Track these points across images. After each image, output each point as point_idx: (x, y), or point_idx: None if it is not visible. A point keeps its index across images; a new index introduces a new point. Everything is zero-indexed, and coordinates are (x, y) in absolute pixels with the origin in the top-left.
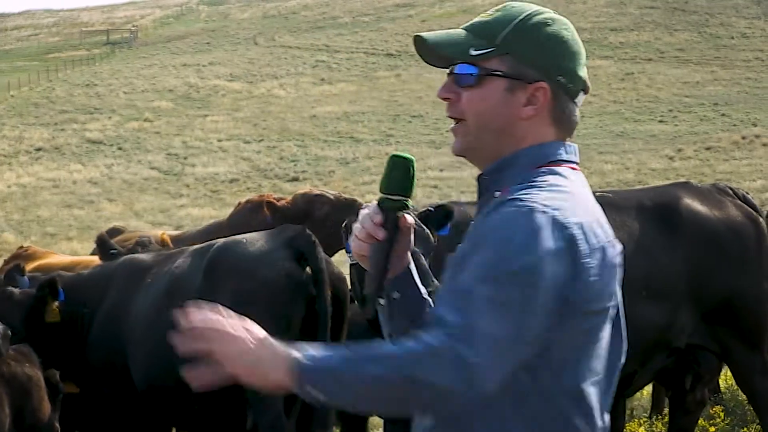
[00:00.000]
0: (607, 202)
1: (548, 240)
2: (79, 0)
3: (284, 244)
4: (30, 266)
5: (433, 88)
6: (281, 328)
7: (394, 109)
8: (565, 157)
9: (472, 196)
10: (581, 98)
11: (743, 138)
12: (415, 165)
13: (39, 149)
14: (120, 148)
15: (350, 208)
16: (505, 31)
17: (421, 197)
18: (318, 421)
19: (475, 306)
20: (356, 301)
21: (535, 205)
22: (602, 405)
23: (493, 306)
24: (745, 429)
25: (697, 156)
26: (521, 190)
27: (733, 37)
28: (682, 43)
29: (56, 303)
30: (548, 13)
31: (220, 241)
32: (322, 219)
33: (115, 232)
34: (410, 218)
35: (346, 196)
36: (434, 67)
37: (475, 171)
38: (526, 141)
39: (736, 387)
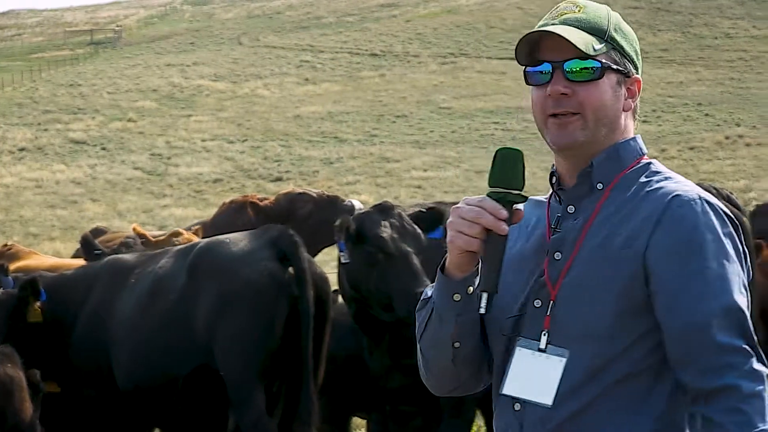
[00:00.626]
0: None
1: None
2: (63, 0)
3: (267, 244)
4: (14, 266)
5: (417, 88)
6: (264, 328)
7: (378, 109)
8: (645, 150)
9: (455, 197)
10: None
11: (726, 138)
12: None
13: (22, 149)
14: (104, 148)
15: (333, 205)
16: (609, 27)
17: (405, 197)
18: (300, 421)
19: (748, 324)
20: (343, 299)
21: (705, 196)
22: None
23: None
24: None
25: (681, 156)
26: (659, 182)
27: (716, 38)
28: (665, 44)
29: (38, 303)
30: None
31: (204, 241)
32: (305, 217)
33: (98, 232)
34: (523, 212)
35: (329, 193)
36: (418, 68)
37: (459, 171)
38: (625, 133)
39: None
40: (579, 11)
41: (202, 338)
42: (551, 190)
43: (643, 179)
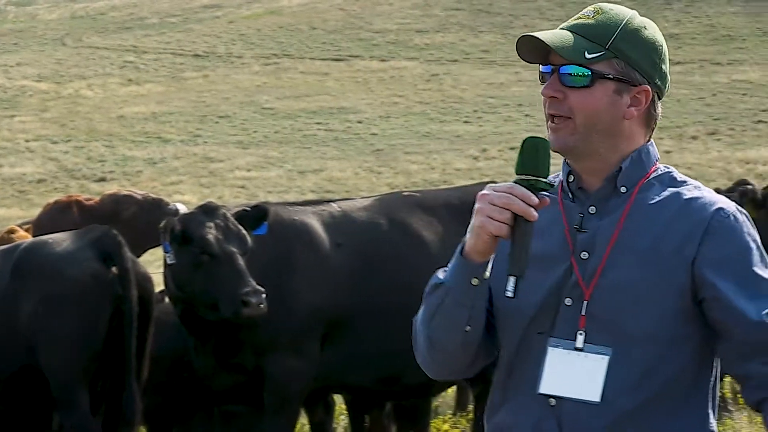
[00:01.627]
0: (415, 202)
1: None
2: None
3: (90, 244)
4: None
5: (240, 89)
6: (88, 326)
7: (202, 109)
8: (659, 155)
9: (278, 196)
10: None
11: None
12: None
13: None
14: None
15: (157, 208)
16: (614, 35)
17: (229, 197)
18: (123, 419)
19: None
20: (170, 300)
21: (739, 208)
22: None
23: None
24: None
25: (502, 156)
26: (693, 191)
27: None
28: (486, 45)
29: None
30: (641, 18)
31: (27, 241)
32: (130, 219)
33: None
34: (548, 199)
35: (153, 196)
36: (241, 69)
37: (282, 171)
38: (629, 140)
39: None
40: (593, 17)
41: (26, 338)
42: (562, 189)
43: (671, 187)
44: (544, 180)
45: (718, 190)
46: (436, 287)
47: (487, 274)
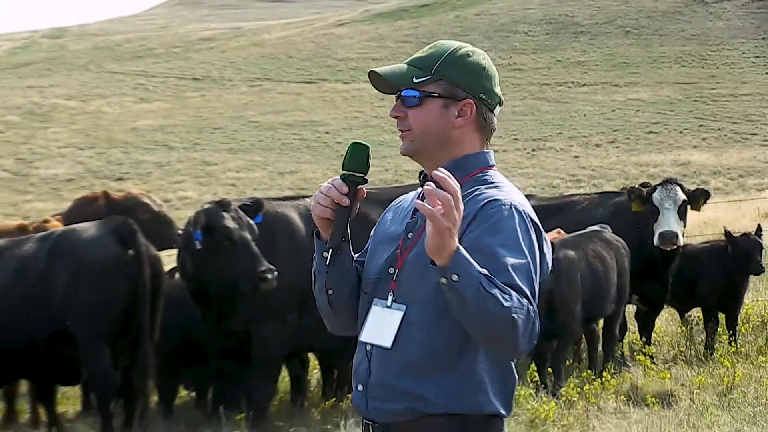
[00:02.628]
0: (373, 198)
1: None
2: None
3: (111, 231)
4: None
5: (231, 106)
6: (109, 299)
7: (200, 123)
8: (492, 162)
9: (262, 193)
10: (498, 110)
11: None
12: (371, 150)
13: None
14: None
15: (166, 225)
16: (438, 62)
17: (222, 193)
18: (138, 372)
19: (525, 275)
20: (184, 279)
21: (514, 203)
22: None
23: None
24: None
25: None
26: (487, 188)
27: None
28: None
29: None
30: (469, 47)
31: (60, 229)
32: (141, 223)
33: None
34: (365, 190)
35: (165, 213)
36: (231, 90)
37: (265, 173)
38: (461, 145)
39: None
40: (427, 51)
41: (59, 308)
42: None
43: (477, 186)
44: (357, 174)
45: (629, 190)
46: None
47: (331, 251)
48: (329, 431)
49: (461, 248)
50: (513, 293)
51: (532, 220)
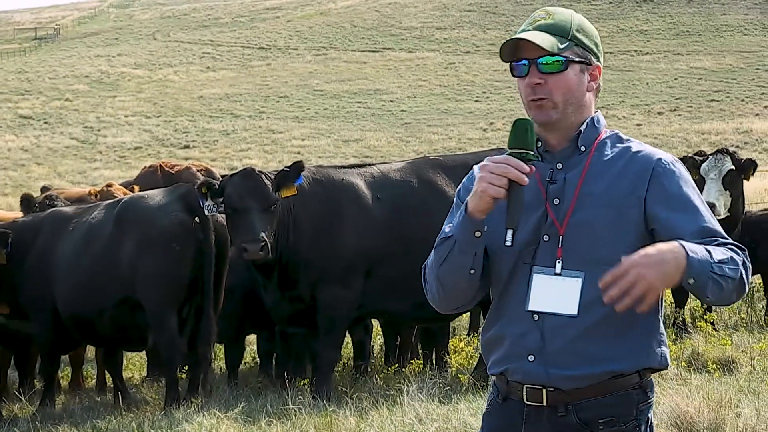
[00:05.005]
0: (438, 164)
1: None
2: (12, 3)
3: (177, 198)
4: None
5: (296, 74)
6: (176, 264)
7: (265, 91)
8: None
9: (327, 161)
10: None
11: None
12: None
13: None
14: (46, 122)
15: None
16: (572, 28)
17: (287, 161)
18: (202, 338)
19: (714, 218)
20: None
21: (674, 157)
22: None
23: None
24: None
25: (505, 128)
26: (632, 144)
27: None
28: (493, 39)
29: (5, 250)
30: (578, 14)
31: (127, 196)
32: None
33: (45, 189)
34: (534, 167)
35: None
36: (297, 59)
37: (330, 140)
38: (590, 108)
39: None
40: (549, 18)
41: (127, 274)
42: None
43: (619, 144)
44: (532, 152)
45: (683, 158)
46: (445, 240)
47: (487, 227)
48: (392, 397)
49: (685, 254)
50: (731, 255)
51: None
